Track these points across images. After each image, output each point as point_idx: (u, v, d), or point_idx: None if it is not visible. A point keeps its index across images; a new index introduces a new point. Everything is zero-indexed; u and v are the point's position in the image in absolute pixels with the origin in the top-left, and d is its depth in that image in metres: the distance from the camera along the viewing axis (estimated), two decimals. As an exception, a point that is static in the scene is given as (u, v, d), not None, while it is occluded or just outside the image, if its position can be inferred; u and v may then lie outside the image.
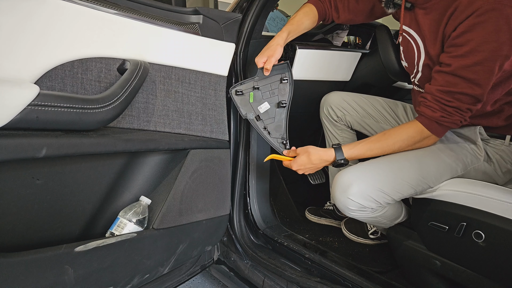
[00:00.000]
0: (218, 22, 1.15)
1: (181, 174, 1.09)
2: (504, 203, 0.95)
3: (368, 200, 1.10)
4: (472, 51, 0.92)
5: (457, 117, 1.01)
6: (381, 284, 1.15)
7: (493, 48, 0.90)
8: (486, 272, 1.01)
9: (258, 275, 1.29)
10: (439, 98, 1.00)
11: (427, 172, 1.10)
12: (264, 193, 1.49)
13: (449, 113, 1.00)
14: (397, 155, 1.15)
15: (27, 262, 0.78)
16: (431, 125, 1.04)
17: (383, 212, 1.18)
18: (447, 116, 1.01)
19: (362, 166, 1.14)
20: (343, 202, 1.11)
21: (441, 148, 1.13)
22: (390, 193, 1.10)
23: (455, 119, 1.01)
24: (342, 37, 1.77)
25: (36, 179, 0.83)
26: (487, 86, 0.96)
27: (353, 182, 1.09)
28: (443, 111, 1.01)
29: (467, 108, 0.99)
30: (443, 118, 1.01)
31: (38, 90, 0.73)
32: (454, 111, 1.00)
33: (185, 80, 1.10)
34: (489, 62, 0.92)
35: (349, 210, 1.13)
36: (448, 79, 0.98)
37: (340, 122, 1.53)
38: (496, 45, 0.90)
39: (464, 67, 0.94)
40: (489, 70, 0.93)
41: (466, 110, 1.00)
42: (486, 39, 0.90)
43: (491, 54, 0.91)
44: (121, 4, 0.94)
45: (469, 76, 0.94)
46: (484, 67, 0.93)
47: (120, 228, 0.99)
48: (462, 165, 1.13)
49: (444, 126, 1.04)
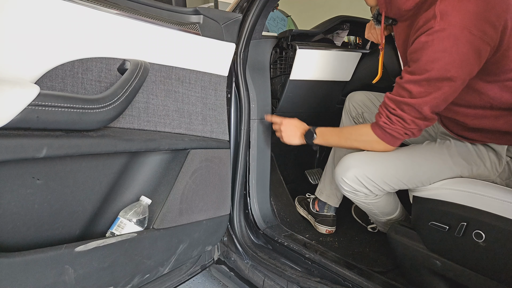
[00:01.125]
0: (218, 22, 1.15)
1: (181, 174, 1.09)
2: (504, 203, 0.95)
3: (360, 185, 1.19)
4: (420, 68, 0.94)
5: (399, 126, 1.03)
6: (381, 284, 1.15)
7: (439, 68, 0.91)
8: (486, 272, 1.00)
9: (258, 275, 1.29)
10: (387, 105, 1.04)
11: (422, 172, 1.13)
12: (264, 193, 1.49)
13: (391, 121, 1.03)
14: (401, 150, 1.19)
15: (27, 262, 0.78)
16: (376, 130, 1.09)
17: (376, 201, 1.26)
18: (389, 123, 1.04)
19: (365, 155, 1.20)
20: (339, 181, 1.22)
21: (453, 153, 1.13)
22: (379, 184, 1.18)
23: (397, 128, 1.03)
24: (342, 37, 1.77)
25: (37, 179, 0.83)
26: (433, 104, 0.97)
27: (351, 167, 1.18)
28: (386, 118, 1.04)
29: (412, 121, 1.01)
30: (385, 125, 1.05)
31: (38, 90, 0.73)
32: (396, 120, 1.02)
33: (186, 80, 1.10)
34: (435, 81, 0.93)
35: (344, 190, 1.24)
36: (398, 90, 1.01)
37: (358, 119, 1.55)
38: (442, 64, 0.91)
39: (412, 81, 0.96)
40: (436, 88, 0.94)
41: (410, 122, 1.01)
42: (433, 58, 0.91)
43: (438, 74, 0.92)
44: (121, 4, 0.94)
45: (415, 90, 0.96)
46: (430, 85, 0.94)
47: (120, 228, 0.99)
48: (468, 174, 1.12)
49: (387, 133, 1.06)
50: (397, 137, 1.06)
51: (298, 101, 1.63)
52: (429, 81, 0.93)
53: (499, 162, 1.10)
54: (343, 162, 1.21)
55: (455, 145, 1.15)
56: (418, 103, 0.97)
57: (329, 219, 1.57)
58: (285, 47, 1.51)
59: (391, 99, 1.02)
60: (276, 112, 1.59)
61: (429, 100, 0.96)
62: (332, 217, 1.57)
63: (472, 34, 0.88)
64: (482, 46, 0.90)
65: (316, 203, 1.61)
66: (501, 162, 1.09)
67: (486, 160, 1.10)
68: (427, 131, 1.39)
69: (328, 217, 1.57)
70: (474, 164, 1.11)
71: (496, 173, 1.10)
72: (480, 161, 1.11)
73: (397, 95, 1.01)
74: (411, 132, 1.04)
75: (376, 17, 1.20)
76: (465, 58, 0.90)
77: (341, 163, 1.22)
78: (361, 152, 1.21)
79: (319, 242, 1.46)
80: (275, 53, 1.50)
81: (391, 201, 1.32)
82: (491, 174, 1.10)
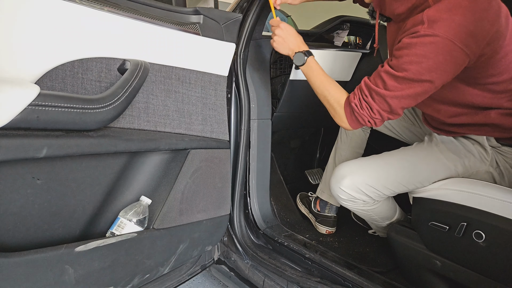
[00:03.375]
0: (218, 22, 1.15)
1: (181, 174, 1.09)
2: (504, 203, 0.95)
3: (359, 193, 1.19)
4: (399, 66, 0.96)
5: (366, 113, 1.03)
6: (381, 284, 1.15)
7: (415, 70, 0.93)
8: (486, 272, 1.00)
9: (259, 275, 1.29)
10: (361, 89, 1.05)
11: (418, 172, 1.14)
12: (264, 193, 1.49)
13: (361, 105, 1.04)
14: (393, 153, 1.22)
15: (28, 262, 0.78)
16: (346, 107, 1.08)
17: (374, 207, 1.26)
18: (359, 108, 1.04)
19: (359, 162, 1.23)
20: (336, 191, 1.22)
21: (443, 149, 1.16)
22: (380, 189, 1.18)
23: (364, 114, 1.04)
24: (342, 37, 1.77)
25: (37, 179, 0.83)
26: (403, 99, 0.99)
27: (347, 175, 1.19)
28: (358, 101, 1.05)
29: (378, 111, 1.02)
30: (355, 107, 1.05)
31: (38, 90, 0.73)
32: (366, 106, 1.03)
33: (186, 80, 1.10)
34: (410, 81, 0.95)
35: (341, 199, 1.24)
36: (375, 78, 1.02)
37: None
38: (418, 68, 0.93)
39: (389, 73, 0.98)
40: (409, 87, 0.96)
41: (375, 112, 1.02)
42: (412, 60, 0.93)
43: (413, 75, 0.94)
44: (121, 4, 0.94)
45: (390, 83, 0.98)
46: (405, 83, 0.96)
47: (120, 228, 0.99)
48: (462, 168, 1.13)
49: (354, 115, 1.06)
50: (360, 122, 1.07)
51: (298, 101, 1.63)
52: (404, 79, 0.96)
53: (485, 151, 1.13)
54: (338, 171, 1.22)
55: (442, 142, 1.18)
56: (389, 95, 0.98)
57: (330, 219, 1.57)
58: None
59: (367, 85, 1.03)
60: (276, 112, 1.59)
61: (400, 96, 0.98)
62: (333, 218, 1.57)
63: (454, 45, 0.90)
64: (461, 57, 0.92)
65: (317, 203, 1.61)
66: (486, 151, 1.13)
67: (473, 151, 1.14)
68: (414, 133, 1.42)
69: (329, 218, 1.57)
70: (465, 157, 1.14)
71: (487, 162, 1.13)
72: (469, 153, 1.14)
73: (373, 83, 1.02)
74: (374, 121, 1.05)
75: (371, 13, 1.21)
76: (441, 66, 0.92)
77: (335, 173, 1.23)
78: (355, 160, 1.25)
79: (319, 242, 1.46)
80: (275, 53, 1.50)
81: (390, 205, 1.33)
82: (483, 164, 1.13)
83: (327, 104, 1.15)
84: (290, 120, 1.71)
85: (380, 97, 1.00)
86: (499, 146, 1.12)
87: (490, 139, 1.13)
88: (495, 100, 1.04)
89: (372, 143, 1.61)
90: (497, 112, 1.06)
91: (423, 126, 1.39)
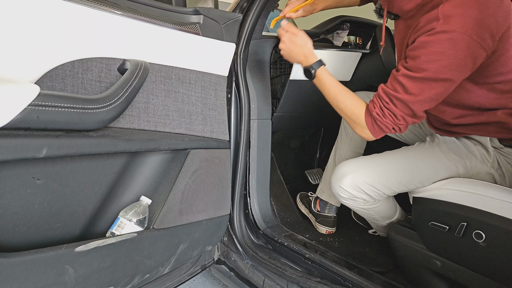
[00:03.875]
0: (218, 22, 1.15)
1: (181, 174, 1.09)
2: (504, 203, 0.95)
3: (359, 192, 1.19)
4: (417, 66, 0.94)
5: (390, 121, 1.02)
6: (381, 284, 1.15)
7: (434, 69, 0.92)
8: (486, 272, 1.00)
9: (259, 275, 1.29)
10: (381, 97, 1.03)
11: (419, 171, 1.14)
12: (264, 193, 1.49)
13: (384, 114, 1.02)
14: (394, 153, 1.22)
15: (27, 262, 0.78)
16: (367, 118, 1.07)
17: (375, 206, 1.26)
18: (381, 116, 1.03)
19: (360, 160, 1.23)
20: (337, 189, 1.23)
21: (444, 150, 1.15)
22: (380, 188, 1.18)
23: (387, 122, 1.02)
24: (342, 37, 1.77)
25: (37, 179, 0.83)
26: (424, 102, 0.98)
27: (348, 173, 1.19)
28: (380, 110, 1.03)
29: (402, 117, 1.00)
30: (377, 116, 1.03)
31: (38, 90, 0.73)
32: (388, 113, 1.02)
33: (186, 80, 1.10)
34: (430, 80, 0.94)
35: (341, 197, 1.24)
36: (393, 83, 1.01)
37: None
38: (438, 66, 0.92)
39: (408, 76, 0.96)
40: (430, 87, 0.95)
41: (400, 118, 1.01)
42: (430, 58, 0.92)
43: (433, 74, 0.93)
44: (121, 4, 0.94)
45: (409, 86, 0.96)
46: (425, 83, 0.95)
47: (120, 228, 0.99)
48: (463, 169, 1.13)
49: (377, 125, 1.05)
50: (384, 131, 1.06)
51: (298, 101, 1.63)
52: (424, 80, 0.94)
53: (487, 153, 1.12)
54: (339, 170, 1.22)
55: (444, 142, 1.17)
56: (411, 100, 0.97)
57: (330, 219, 1.57)
58: (285, 47, 1.51)
59: (386, 92, 1.02)
60: (276, 112, 1.59)
61: (422, 99, 0.97)
62: (333, 218, 1.57)
63: (472, 39, 0.89)
64: (479, 52, 0.91)
65: (317, 203, 1.61)
66: (488, 152, 1.12)
67: (475, 152, 1.13)
68: (415, 133, 1.42)
69: (329, 218, 1.57)
70: (466, 158, 1.13)
71: (488, 163, 1.12)
72: (470, 154, 1.13)
73: (391, 89, 1.00)
74: (398, 127, 1.04)
75: (378, 11, 1.20)
76: (461, 63, 0.91)
77: (336, 172, 1.23)
78: (356, 158, 1.24)
79: (319, 242, 1.46)
80: (275, 53, 1.50)
81: (390, 204, 1.33)
82: (484, 165, 1.13)
83: (344, 117, 1.13)
84: (290, 120, 1.71)
85: (402, 103, 0.98)
86: (502, 147, 1.12)
87: (493, 140, 1.12)
88: (501, 100, 1.04)
89: (372, 143, 1.61)
90: (503, 112, 1.05)
91: (424, 127, 1.39)
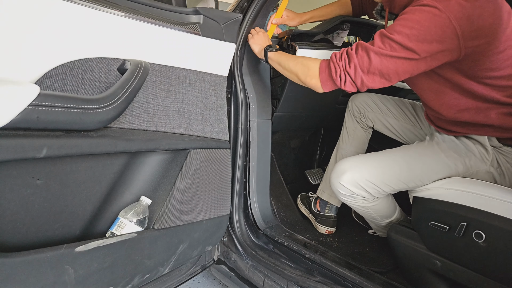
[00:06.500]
0: (218, 22, 1.15)
1: (181, 174, 1.09)
2: (504, 203, 0.95)
3: (358, 189, 1.19)
4: (393, 27, 0.97)
5: (341, 64, 1.02)
6: (381, 284, 1.15)
7: (404, 34, 0.94)
8: (486, 272, 1.00)
9: (259, 275, 1.29)
10: (350, 46, 1.04)
11: (418, 169, 1.14)
12: (264, 193, 1.49)
13: (341, 55, 1.03)
14: (394, 150, 1.22)
15: (27, 262, 0.78)
16: (323, 63, 1.07)
17: (374, 204, 1.26)
18: (337, 58, 1.03)
19: (360, 158, 1.24)
20: (336, 186, 1.23)
21: (444, 148, 1.16)
22: (380, 185, 1.18)
23: (339, 65, 1.02)
24: (342, 37, 1.77)
25: (37, 179, 0.83)
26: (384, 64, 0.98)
27: (347, 170, 1.20)
28: (339, 53, 1.04)
29: (354, 65, 1.00)
30: (334, 57, 1.04)
31: (38, 90, 0.73)
32: (345, 57, 1.02)
33: (186, 80, 1.10)
34: (397, 45, 0.95)
35: (341, 194, 1.24)
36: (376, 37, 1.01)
37: (360, 118, 1.56)
38: (408, 32, 0.94)
39: (381, 34, 0.98)
40: (393, 51, 0.96)
41: (352, 66, 1.01)
42: (406, 24, 0.95)
43: (401, 39, 0.94)
44: (121, 4, 0.94)
45: (377, 41, 0.98)
46: (392, 46, 0.96)
47: (120, 228, 0.99)
48: (463, 167, 1.13)
49: (328, 68, 1.05)
50: (331, 76, 1.05)
51: (298, 101, 1.63)
52: (393, 41, 0.96)
53: (486, 151, 1.13)
54: (339, 166, 1.23)
55: (443, 141, 1.18)
56: (373, 50, 0.98)
57: (330, 219, 1.57)
58: (285, 47, 1.51)
59: (357, 42, 1.03)
60: (276, 112, 1.59)
61: (384, 54, 0.97)
62: (332, 218, 1.58)
63: (450, 23, 0.92)
64: (451, 37, 0.93)
65: (318, 203, 1.61)
66: (487, 151, 1.13)
67: (474, 151, 1.13)
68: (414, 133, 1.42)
69: (329, 218, 1.57)
70: (465, 156, 1.13)
71: (487, 162, 1.13)
72: (470, 153, 1.14)
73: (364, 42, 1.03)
74: (345, 76, 1.03)
75: (379, 12, 1.21)
76: (429, 38, 0.93)
77: (336, 168, 1.24)
78: (356, 156, 1.25)
79: (319, 242, 1.46)
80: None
81: (389, 203, 1.33)
82: (484, 163, 1.13)
83: (300, 75, 1.14)
84: (290, 120, 1.71)
85: (364, 51, 0.99)
86: (500, 146, 1.12)
87: (491, 139, 1.13)
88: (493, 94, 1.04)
89: (373, 144, 1.61)
90: (497, 112, 1.05)
91: (424, 127, 1.40)
